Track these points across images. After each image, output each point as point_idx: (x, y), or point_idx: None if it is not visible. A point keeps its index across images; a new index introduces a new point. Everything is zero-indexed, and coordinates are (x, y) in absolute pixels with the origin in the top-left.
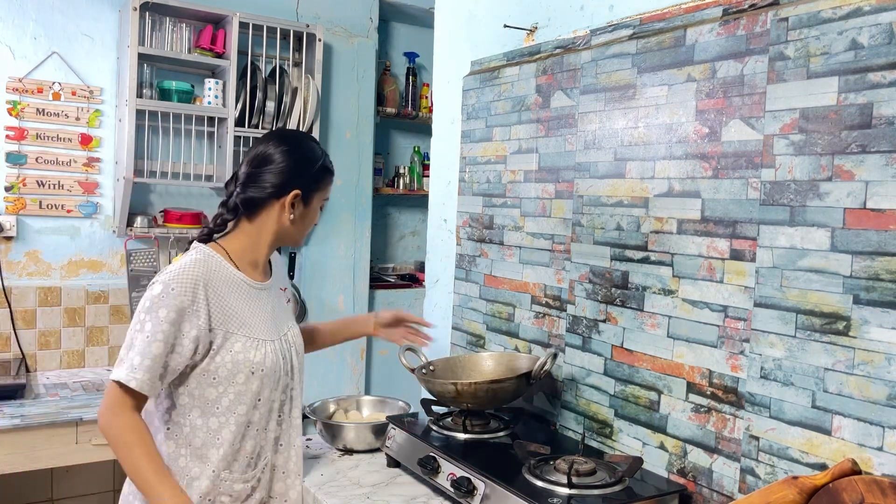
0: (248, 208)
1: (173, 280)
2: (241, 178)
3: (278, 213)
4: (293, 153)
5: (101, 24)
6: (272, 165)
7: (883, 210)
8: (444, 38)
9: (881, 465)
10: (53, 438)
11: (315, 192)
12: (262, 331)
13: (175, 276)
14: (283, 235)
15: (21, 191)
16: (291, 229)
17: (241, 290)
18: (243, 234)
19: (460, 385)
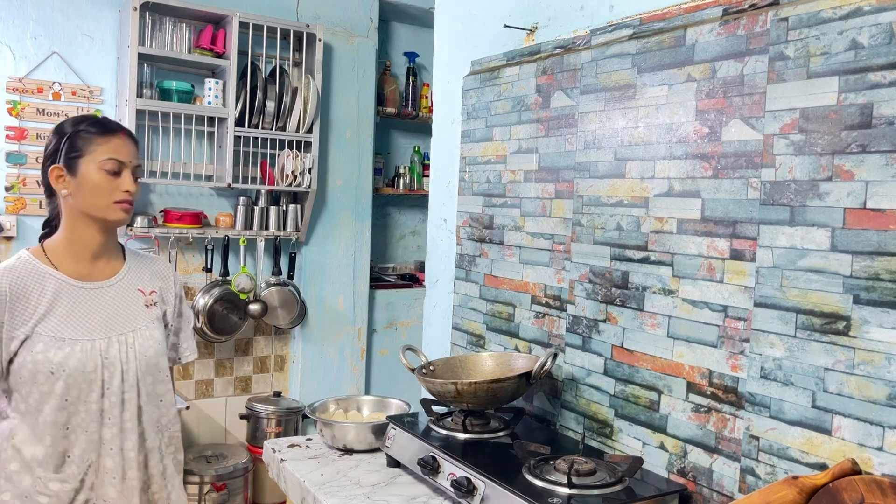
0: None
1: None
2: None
3: (59, 196)
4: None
5: (101, 23)
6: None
7: (883, 210)
8: (444, 38)
9: (881, 464)
10: None
11: (78, 158)
12: (73, 330)
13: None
14: (81, 215)
15: (21, 191)
16: (79, 205)
17: (54, 288)
18: (60, 230)
19: (460, 385)
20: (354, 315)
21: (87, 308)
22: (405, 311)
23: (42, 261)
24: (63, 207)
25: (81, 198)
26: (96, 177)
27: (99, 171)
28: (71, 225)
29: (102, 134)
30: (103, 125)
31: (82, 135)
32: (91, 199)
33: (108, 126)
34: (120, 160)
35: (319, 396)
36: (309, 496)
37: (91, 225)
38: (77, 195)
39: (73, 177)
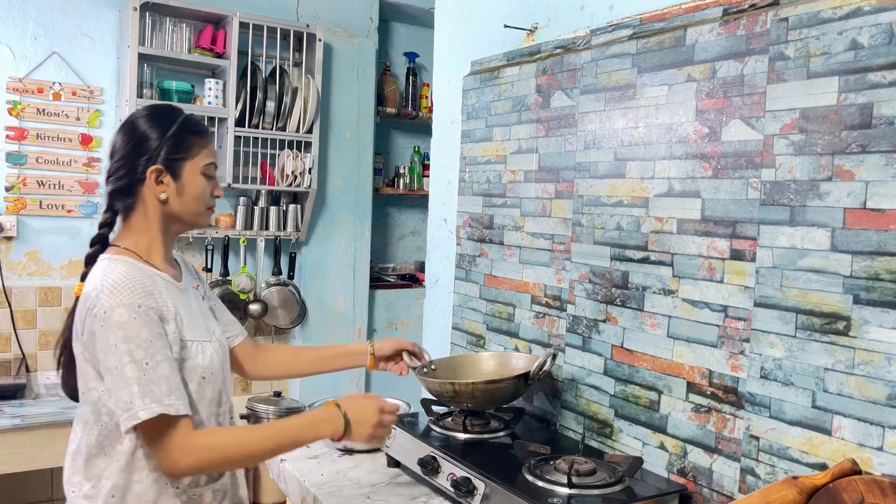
0: (121, 202)
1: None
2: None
3: (149, 197)
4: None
5: (101, 24)
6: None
7: (883, 210)
8: (444, 38)
9: (881, 464)
10: (53, 438)
11: (183, 160)
12: (197, 332)
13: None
14: (171, 220)
15: (21, 191)
16: (174, 210)
17: (170, 289)
18: (134, 230)
19: (458, 385)
20: (354, 315)
21: (190, 308)
22: (405, 311)
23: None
24: (151, 210)
25: (181, 202)
26: (200, 182)
27: (201, 177)
28: (160, 226)
29: (203, 136)
30: (199, 126)
31: (184, 135)
32: (191, 204)
33: (202, 127)
34: (216, 164)
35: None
36: (309, 496)
37: (179, 227)
38: (177, 200)
39: (175, 180)
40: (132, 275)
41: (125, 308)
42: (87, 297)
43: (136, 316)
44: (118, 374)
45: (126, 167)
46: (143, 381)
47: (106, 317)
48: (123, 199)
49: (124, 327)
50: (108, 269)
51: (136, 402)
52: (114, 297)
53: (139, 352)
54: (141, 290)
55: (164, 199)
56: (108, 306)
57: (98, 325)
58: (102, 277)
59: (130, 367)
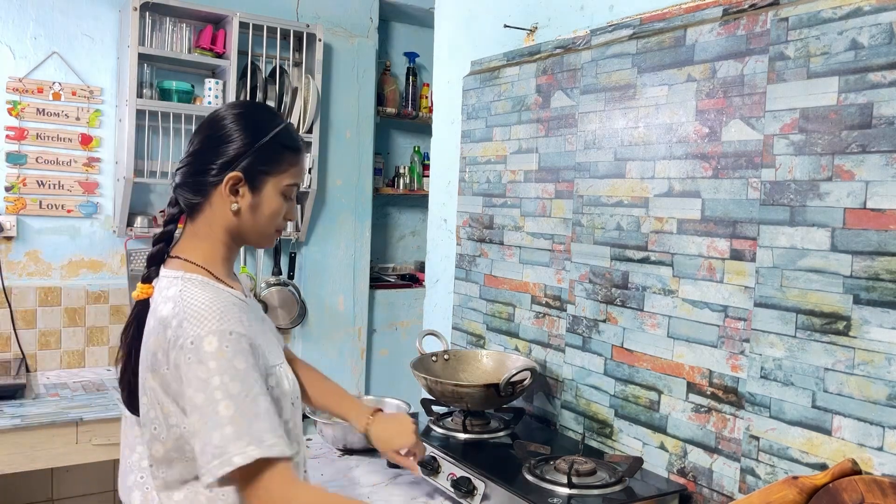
0: (188, 201)
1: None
2: (179, 164)
3: (220, 204)
4: (232, 123)
5: (101, 23)
6: (199, 142)
7: (883, 210)
8: (444, 38)
9: (881, 464)
10: (53, 438)
11: (266, 175)
12: (276, 352)
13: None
14: (237, 233)
15: (21, 191)
16: (243, 224)
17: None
18: (198, 236)
19: (430, 380)
20: (354, 315)
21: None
22: (405, 311)
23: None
24: (217, 219)
25: (252, 218)
26: (277, 202)
27: (280, 196)
28: (224, 237)
29: (296, 153)
30: (295, 140)
31: (277, 148)
32: (262, 223)
33: (298, 142)
34: (299, 185)
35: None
36: None
37: (241, 242)
38: (249, 215)
39: (254, 194)
40: (215, 298)
41: (215, 336)
42: (165, 324)
43: (227, 344)
44: (209, 412)
45: (201, 163)
46: (240, 419)
47: (194, 348)
48: (191, 195)
49: (216, 357)
50: (185, 291)
51: (231, 447)
52: (200, 324)
53: (234, 385)
54: (229, 314)
55: (236, 210)
56: (195, 335)
57: (185, 358)
58: (181, 302)
59: (225, 403)
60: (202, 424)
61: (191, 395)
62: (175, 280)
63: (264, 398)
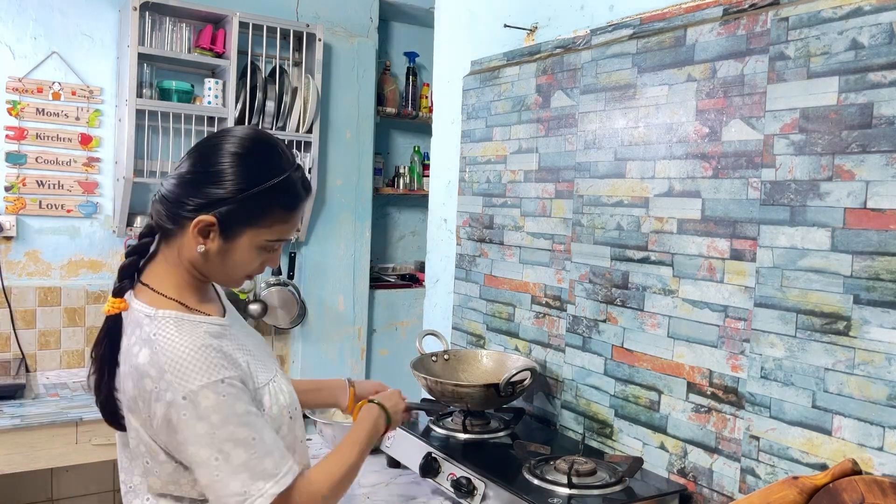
0: (161, 225)
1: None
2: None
3: (191, 239)
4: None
5: (100, 23)
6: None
7: (883, 210)
8: (444, 38)
9: (881, 465)
10: (53, 438)
11: (244, 226)
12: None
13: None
14: (202, 270)
15: (21, 191)
16: (209, 266)
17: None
18: (168, 264)
19: (430, 380)
20: (354, 315)
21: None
22: (405, 311)
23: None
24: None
25: (218, 265)
26: (249, 255)
27: (255, 249)
28: (192, 271)
29: (291, 211)
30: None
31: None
32: (229, 271)
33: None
34: (289, 238)
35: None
36: None
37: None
38: (215, 258)
39: (225, 241)
40: (193, 342)
41: (210, 390)
42: (141, 373)
43: (224, 394)
44: (220, 463)
45: (182, 193)
46: (252, 462)
47: (188, 404)
48: (165, 220)
49: (217, 410)
50: (160, 335)
51: (252, 490)
52: (188, 378)
53: (242, 431)
54: (213, 360)
55: (203, 252)
56: (187, 391)
57: (179, 415)
58: (158, 350)
59: (237, 452)
60: (213, 478)
61: (194, 452)
62: (149, 319)
63: (268, 431)
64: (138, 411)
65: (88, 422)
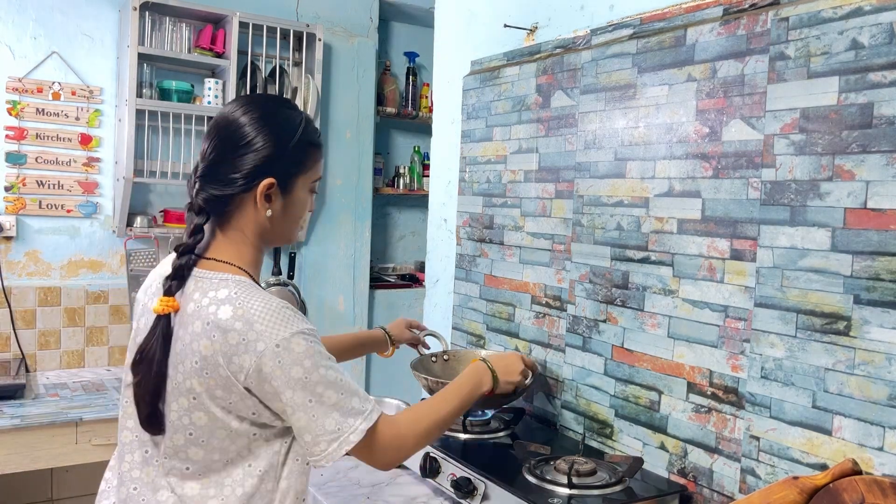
0: (215, 209)
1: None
2: (200, 170)
3: (252, 210)
4: (256, 127)
5: (100, 23)
6: (222, 148)
7: (883, 210)
8: (444, 38)
9: (882, 465)
10: (53, 438)
11: (297, 176)
12: None
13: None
14: (268, 236)
15: (21, 191)
16: (275, 227)
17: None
18: (232, 241)
19: (430, 380)
20: (354, 315)
21: None
22: (405, 311)
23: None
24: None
25: (284, 221)
26: (306, 201)
27: (308, 194)
28: (256, 244)
29: (320, 148)
30: (318, 133)
31: (305, 146)
32: (292, 224)
33: (319, 134)
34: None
35: None
36: (309, 496)
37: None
38: (281, 217)
39: (285, 196)
40: (272, 301)
41: (301, 336)
42: (224, 328)
43: (312, 341)
44: (315, 404)
45: (228, 170)
46: (342, 402)
47: (281, 351)
48: (219, 204)
49: (310, 355)
50: (241, 294)
51: (345, 428)
52: (279, 327)
53: (330, 373)
54: (294, 314)
55: (270, 217)
56: (280, 338)
57: (274, 362)
58: (242, 305)
59: (329, 392)
60: (311, 419)
61: (290, 397)
62: (224, 282)
63: (347, 375)
64: (213, 372)
65: (88, 422)
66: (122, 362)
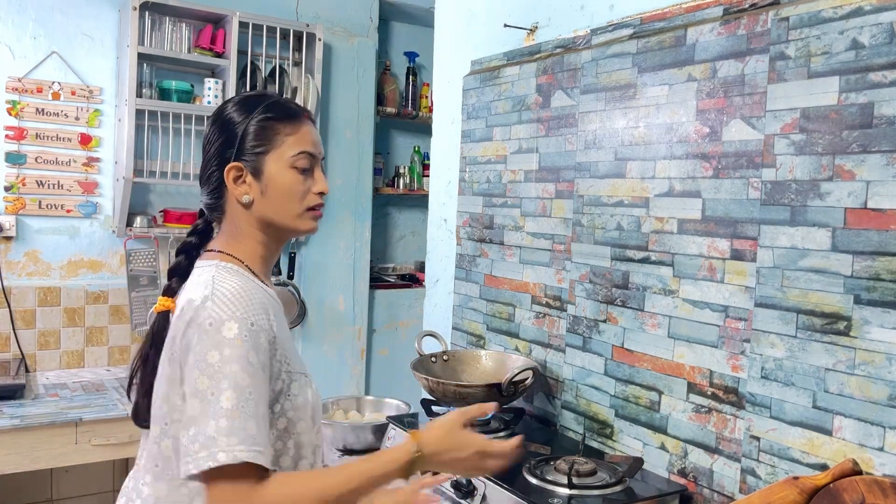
0: (209, 207)
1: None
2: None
3: (234, 200)
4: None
5: (100, 23)
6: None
7: (884, 210)
8: (444, 38)
9: (882, 465)
10: (53, 438)
11: (263, 154)
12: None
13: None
14: (264, 225)
15: (21, 191)
16: (264, 213)
17: (276, 310)
18: (231, 236)
19: (431, 381)
20: (354, 315)
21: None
22: (405, 311)
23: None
24: (240, 215)
25: (269, 204)
26: (287, 177)
27: (289, 171)
28: (256, 236)
29: (289, 121)
30: (286, 108)
31: (264, 123)
32: (282, 205)
33: (291, 110)
34: (311, 153)
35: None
36: None
37: (278, 236)
38: (263, 201)
39: (257, 179)
40: (247, 287)
41: (237, 323)
42: (188, 307)
43: (247, 335)
44: (209, 399)
45: (207, 163)
46: (238, 415)
47: (211, 329)
48: (209, 199)
49: (232, 345)
50: (218, 276)
51: (221, 440)
52: (225, 308)
53: (244, 378)
54: (258, 305)
55: (248, 203)
56: (216, 317)
57: (199, 338)
58: (211, 285)
59: (228, 394)
60: (200, 411)
61: (195, 378)
62: (209, 267)
63: (264, 403)
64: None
65: (88, 422)
66: (122, 362)
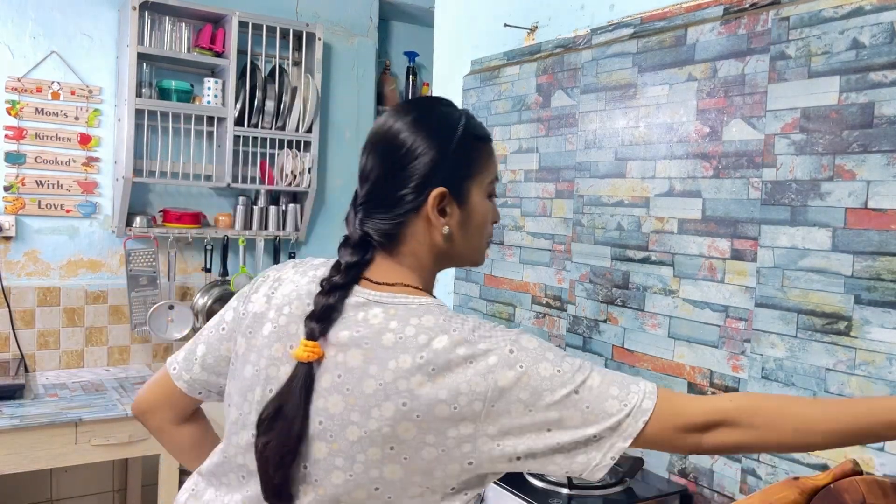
0: (383, 236)
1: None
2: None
3: (424, 229)
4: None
5: (100, 23)
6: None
7: (884, 210)
8: (444, 38)
9: (882, 465)
10: (53, 438)
11: (469, 179)
12: None
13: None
14: (447, 258)
15: (20, 190)
16: (456, 246)
17: None
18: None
19: None
20: None
21: None
22: None
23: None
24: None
25: (464, 236)
26: (484, 211)
27: (486, 200)
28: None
29: (489, 141)
30: (484, 128)
31: (472, 143)
32: (475, 237)
33: (486, 128)
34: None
35: None
36: None
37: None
38: (459, 233)
39: (461, 206)
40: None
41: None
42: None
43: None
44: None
45: (391, 188)
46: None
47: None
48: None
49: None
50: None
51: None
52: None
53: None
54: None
55: (448, 234)
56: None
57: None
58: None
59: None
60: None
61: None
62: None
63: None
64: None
65: (88, 422)
66: (122, 362)
